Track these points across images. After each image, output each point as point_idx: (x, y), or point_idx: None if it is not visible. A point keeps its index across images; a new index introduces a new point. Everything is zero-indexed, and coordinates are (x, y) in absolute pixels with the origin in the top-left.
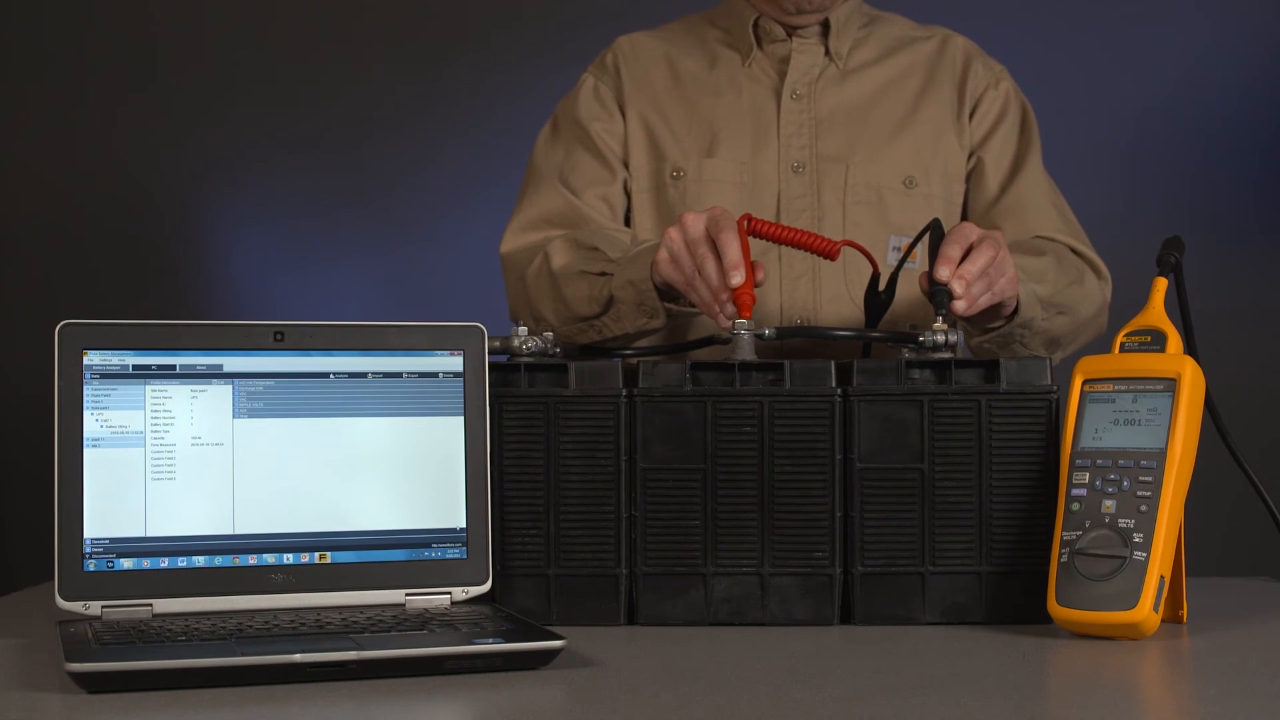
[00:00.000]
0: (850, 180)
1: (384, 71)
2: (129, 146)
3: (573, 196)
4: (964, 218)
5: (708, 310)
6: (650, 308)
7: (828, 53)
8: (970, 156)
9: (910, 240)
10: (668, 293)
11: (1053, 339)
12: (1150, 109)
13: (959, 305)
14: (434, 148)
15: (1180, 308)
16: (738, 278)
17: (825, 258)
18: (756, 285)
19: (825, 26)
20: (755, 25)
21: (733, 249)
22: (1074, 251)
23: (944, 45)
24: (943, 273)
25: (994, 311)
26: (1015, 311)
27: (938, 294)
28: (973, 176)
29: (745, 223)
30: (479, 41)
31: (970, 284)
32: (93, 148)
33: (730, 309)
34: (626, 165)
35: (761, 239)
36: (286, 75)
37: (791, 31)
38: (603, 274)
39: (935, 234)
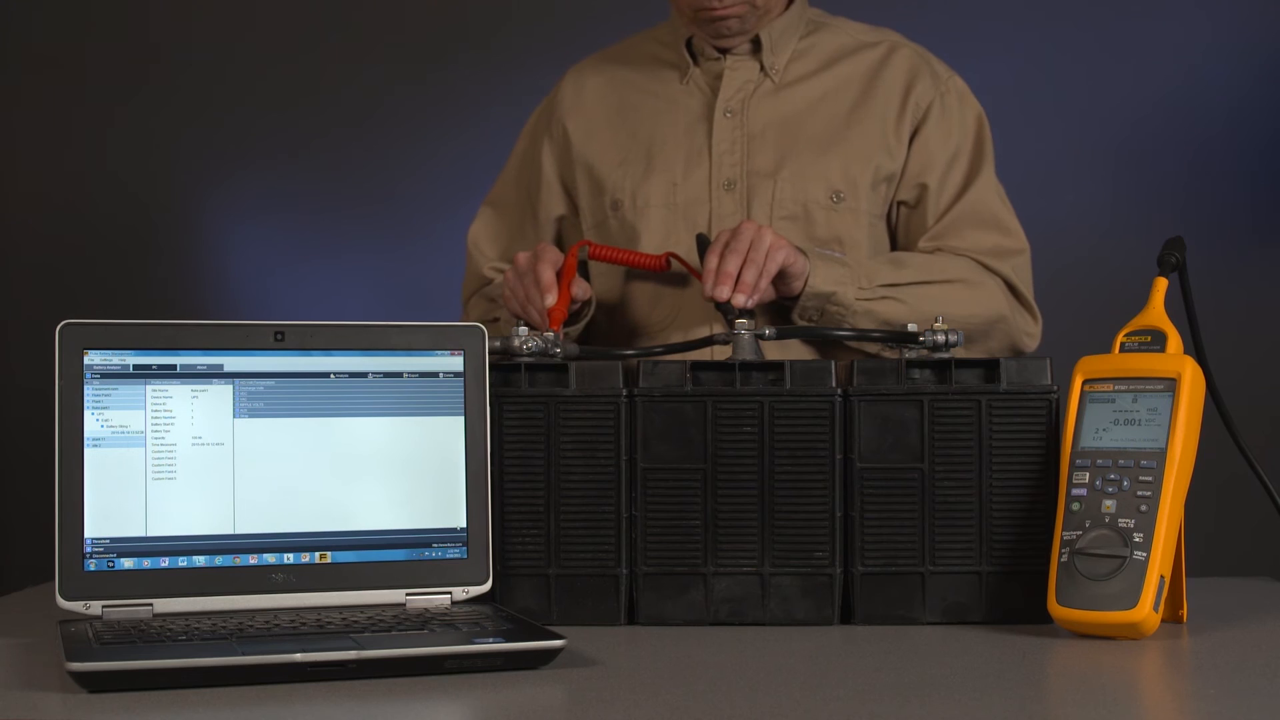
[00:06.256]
0: (778, 195)
1: (383, 71)
2: (129, 146)
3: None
4: (896, 233)
5: (541, 329)
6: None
7: (762, 68)
8: (911, 173)
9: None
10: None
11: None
12: (1148, 108)
13: (739, 299)
14: (433, 147)
15: (1186, 308)
16: (550, 298)
17: (659, 271)
18: (574, 302)
19: (757, 43)
20: (689, 44)
21: (545, 275)
22: (998, 274)
23: (889, 55)
24: (706, 286)
25: (787, 285)
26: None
27: (720, 306)
28: (919, 202)
29: (584, 249)
30: (478, 42)
31: (732, 278)
32: (93, 147)
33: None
34: (577, 211)
35: (605, 263)
36: (285, 75)
37: (725, 50)
38: (493, 301)
39: (701, 250)
